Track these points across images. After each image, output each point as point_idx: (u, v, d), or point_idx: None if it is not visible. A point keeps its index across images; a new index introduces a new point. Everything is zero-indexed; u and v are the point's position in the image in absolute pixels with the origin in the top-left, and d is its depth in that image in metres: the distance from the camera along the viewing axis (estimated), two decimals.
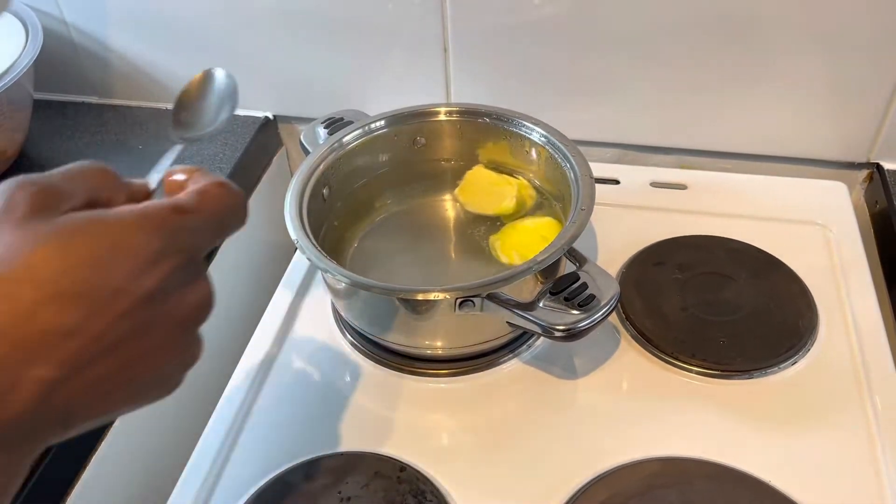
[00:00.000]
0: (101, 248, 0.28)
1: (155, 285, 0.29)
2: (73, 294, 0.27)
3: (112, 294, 0.28)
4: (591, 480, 0.50)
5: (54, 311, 0.27)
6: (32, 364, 0.26)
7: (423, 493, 0.49)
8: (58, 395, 0.27)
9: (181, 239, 0.30)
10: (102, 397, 0.29)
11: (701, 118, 0.73)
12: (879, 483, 0.49)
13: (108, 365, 0.28)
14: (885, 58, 0.66)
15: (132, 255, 0.29)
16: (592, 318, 0.48)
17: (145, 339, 0.29)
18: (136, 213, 0.30)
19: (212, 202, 0.33)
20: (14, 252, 0.27)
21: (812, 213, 0.68)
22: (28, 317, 0.26)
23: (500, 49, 0.72)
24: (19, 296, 0.26)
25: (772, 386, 0.55)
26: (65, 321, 0.27)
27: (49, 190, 0.29)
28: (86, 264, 0.27)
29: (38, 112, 0.81)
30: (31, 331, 0.26)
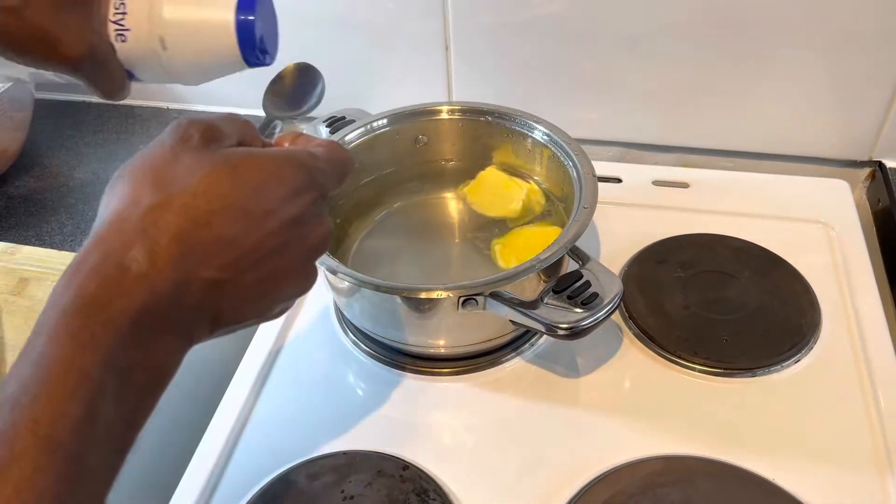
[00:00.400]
0: (261, 175, 0.33)
1: (297, 212, 0.34)
2: (237, 209, 0.32)
3: (265, 214, 0.33)
4: (593, 479, 0.50)
5: (222, 221, 0.32)
6: (203, 265, 0.31)
7: (426, 491, 0.49)
8: (215, 295, 0.32)
9: (317, 178, 0.36)
10: (244, 304, 0.34)
11: (703, 117, 0.73)
12: (883, 480, 0.49)
13: (254, 276, 0.33)
14: (886, 56, 0.66)
15: (283, 184, 0.34)
16: (595, 316, 0.48)
17: (283, 258, 0.34)
18: (285, 152, 0.36)
19: (335, 153, 0.38)
20: (192, 173, 0.32)
21: (814, 212, 0.68)
22: (203, 224, 0.31)
23: (502, 47, 0.72)
24: (196, 207, 0.31)
25: (775, 384, 0.55)
26: (229, 231, 0.32)
27: (215, 127, 0.34)
28: (248, 187, 0.33)
29: (40, 111, 0.81)
30: (204, 236, 0.31)
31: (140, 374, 0.30)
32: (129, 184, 0.32)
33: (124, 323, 0.29)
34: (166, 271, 0.30)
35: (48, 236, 0.69)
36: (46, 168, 0.77)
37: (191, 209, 0.31)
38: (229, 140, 0.35)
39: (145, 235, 0.30)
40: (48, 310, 0.30)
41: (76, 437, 0.27)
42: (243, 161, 0.33)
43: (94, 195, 0.73)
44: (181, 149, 0.33)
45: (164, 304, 0.30)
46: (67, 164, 0.78)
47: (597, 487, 0.49)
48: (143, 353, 0.30)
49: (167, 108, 0.84)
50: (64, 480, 0.27)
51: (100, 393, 0.28)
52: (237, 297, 0.33)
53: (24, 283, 0.60)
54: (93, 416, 0.28)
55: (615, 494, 0.48)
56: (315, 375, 0.59)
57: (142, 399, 0.31)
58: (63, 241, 0.68)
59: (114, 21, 0.38)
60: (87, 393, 0.28)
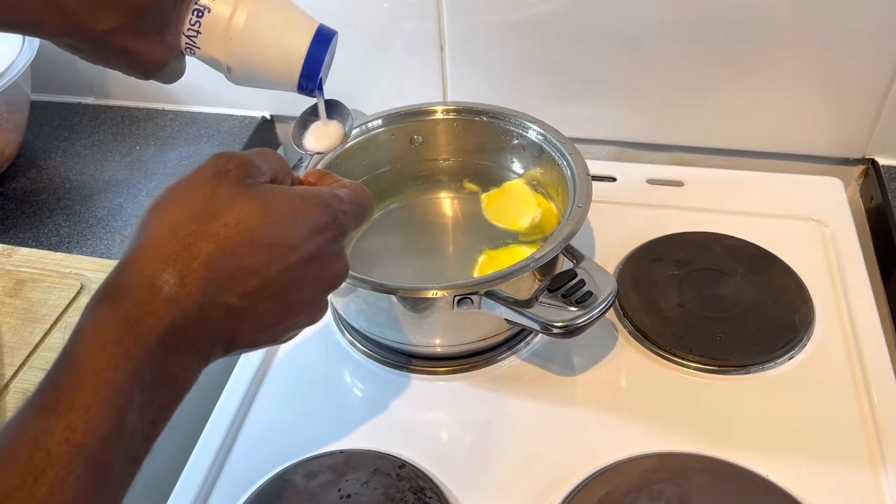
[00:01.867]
0: (287, 212, 0.36)
1: (317, 249, 0.37)
2: (263, 243, 0.34)
3: (288, 248, 0.35)
4: (589, 476, 0.50)
5: (248, 252, 0.34)
6: (227, 291, 0.34)
7: (422, 489, 0.49)
8: (234, 320, 0.34)
9: (339, 218, 0.38)
10: (259, 330, 0.36)
11: (697, 115, 0.74)
12: (876, 476, 0.49)
13: (271, 305, 0.36)
14: (879, 54, 0.66)
15: (307, 222, 0.36)
16: (590, 314, 0.49)
17: (299, 291, 0.37)
18: (312, 192, 0.38)
19: (358, 195, 0.41)
20: (226, 205, 0.34)
21: (808, 209, 0.68)
22: (230, 253, 0.33)
23: (497, 47, 0.72)
24: (226, 237, 0.33)
25: (769, 381, 0.55)
26: (253, 262, 0.34)
27: (251, 163, 0.36)
28: (275, 222, 0.35)
29: (36, 113, 0.81)
30: (231, 265, 0.33)
31: (163, 389, 0.32)
32: (167, 210, 0.34)
33: (153, 340, 0.31)
34: (194, 295, 0.32)
35: (45, 238, 0.69)
36: (43, 170, 0.77)
37: (221, 238, 0.33)
38: (263, 176, 0.37)
39: (178, 260, 0.32)
40: (85, 320, 0.31)
41: (105, 447, 0.29)
42: (273, 198, 0.36)
43: (90, 196, 0.74)
44: (218, 181, 0.35)
45: (189, 325, 0.33)
46: (64, 165, 0.78)
47: (592, 484, 0.49)
48: (167, 369, 0.32)
49: (163, 108, 0.84)
50: (92, 488, 0.29)
51: (128, 405, 0.30)
52: (253, 323, 0.36)
53: (20, 284, 0.61)
54: (120, 427, 0.30)
55: (611, 491, 0.49)
56: (312, 375, 0.59)
57: (161, 412, 0.33)
58: (60, 242, 0.68)
59: (186, 36, 0.40)
60: (117, 405, 0.30)
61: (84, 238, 0.69)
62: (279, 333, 0.38)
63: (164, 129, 0.82)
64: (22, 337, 0.56)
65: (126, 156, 0.78)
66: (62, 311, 0.58)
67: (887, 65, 0.67)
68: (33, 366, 0.55)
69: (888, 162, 0.72)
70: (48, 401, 0.29)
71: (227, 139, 0.79)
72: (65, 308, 0.58)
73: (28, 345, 0.56)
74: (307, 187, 0.40)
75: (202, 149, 0.78)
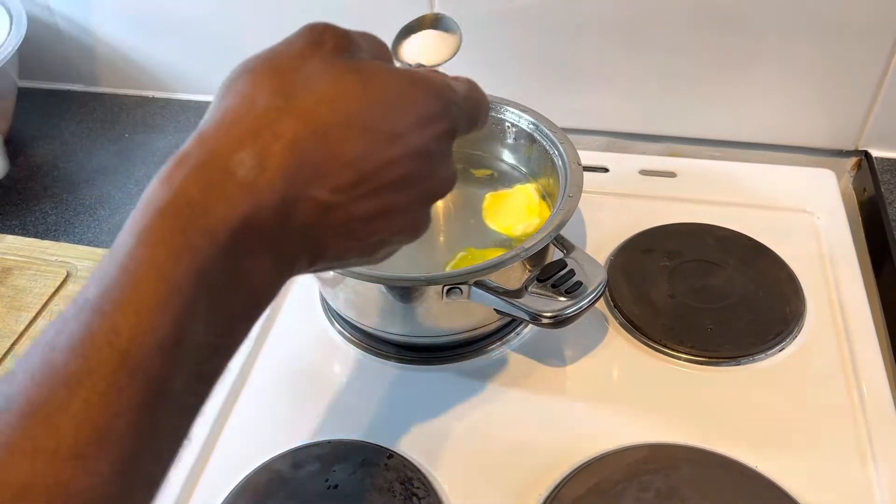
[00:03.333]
0: (393, 93, 0.30)
1: (425, 143, 0.31)
2: (361, 127, 0.29)
3: (391, 137, 0.29)
4: (578, 466, 0.50)
5: (343, 136, 0.28)
6: (314, 183, 0.28)
7: (410, 480, 0.49)
8: (322, 221, 0.29)
9: (452, 110, 0.32)
10: (350, 239, 0.30)
11: (690, 106, 0.73)
12: (865, 468, 0.49)
13: (366, 207, 0.30)
14: (873, 45, 0.66)
15: (415, 108, 0.30)
16: (579, 304, 0.48)
17: (400, 193, 0.31)
18: (421, 75, 0.32)
19: (473, 92, 0.35)
20: (319, 78, 0.29)
21: (800, 201, 0.68)
22: (322, 136, 0.28)
23: (488, 36, 0.71)
24: (317, 115, 0.28)
25: (759, 372, 0.55)
26: (349, 150, 0.28)
27: (350, 37, 0.31)
28: (378, 103, 0.29)
29: (23, 100, 0.80)
30: (320, 150, 0.28)
31: (233, 295, 0.27)
32: (247, 82, 0.29)
33: (223, 233, 0.26)
34: (276, 182, 0.27)
35: (32, 226, 0.68)
36: (30, 157, 0.77)
37: (311, 116, 0.28)
38: (362, 54, 0.31)
39: (258, 138, 0.27)
40: (142, 208, 0.26)
41: (160, 358, 0.24)
42: (376, 74, 0.30)
43: (78, 184, 0.73)
44: (311, 52, 0.29)
45: (267, 219, 0.27)
46: (51, 153, 0.77)
47: (581, 475, 0.49)
48: (239, 271, 0.27)
49: (153, 96, 0.83)
50: (143, 405, 0.24)
51: (190, 310, 0.25)
52: (344, 228, 0.30)
53: (6, 272, 0.60)
54: (180, 336, 0.25)
55: (600, 482, 0.49)
56: (300, 364, 0.59)
57: (232, 325, 0.28)
58: (47, 230, 0.68)
59: None
60: (176, 308, 0.25)
61: (71, 226, 0.68)
62: (374, 247, 0.32)
63: (154, 116, 0.81)
64: (7, 325, 0.56)
65: (115, 143, 0.78)
66: (48, 299, 0.58)
67: (881, 56, 0.66)
68: (17, 354, 0.54)
69: (881, 154, 0.72)
70: (92, 298, 0.24)
71: None
72: (51, 296, 0.58)
73: (13, 333, 0.55)
74: (417, 70, 0.33)
75: None
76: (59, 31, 0.81)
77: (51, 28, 0.81)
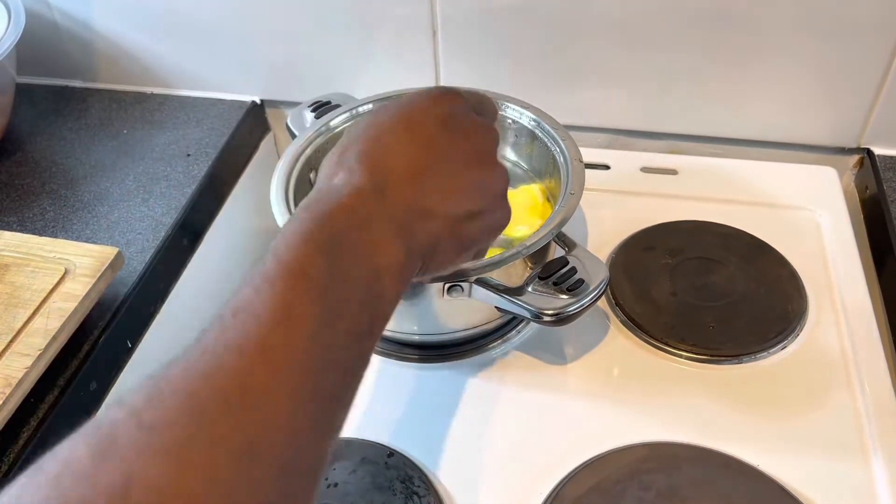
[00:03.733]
0: (484, 150, 0.42)
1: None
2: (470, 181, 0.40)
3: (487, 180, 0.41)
4: (579, 465, 0.50)
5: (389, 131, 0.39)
6: (427, 198, 0.37)
7: (410, 478, 0.49)
8: (440, 226, 0.37)
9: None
10: (458, 244, 0.39)
11: (691, 103, 0.73)
12: (867, 466, 0.49)
13: (465, 215, 0.39)
14: (875, 43, 0.66)
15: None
16: (581, 302, 0.48)
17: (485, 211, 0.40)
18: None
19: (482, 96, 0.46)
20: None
21: (802, 199, 0.68)
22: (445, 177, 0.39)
23: (490, 32, 0.71)
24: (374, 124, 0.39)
25: (761, 370, 0.55)
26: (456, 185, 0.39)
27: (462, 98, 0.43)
28: (472, 158, 0.40)
29: (22, 96, 0.80)
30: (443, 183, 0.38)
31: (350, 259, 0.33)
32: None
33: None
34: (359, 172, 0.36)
35: (30, 222, 0.68)
36: (28, 153, 0.76)
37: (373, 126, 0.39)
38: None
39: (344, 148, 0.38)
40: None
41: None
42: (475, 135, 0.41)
43: (76, 181, 0.72)
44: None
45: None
46: (50, 149, 0.76)
47: (582, 474, 0.49)
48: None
49: (151, 92, 0.83)
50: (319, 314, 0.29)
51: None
52: (454, 242, 0.39)
53: (4, 268, 0.60)
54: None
55: (601, 481, 0.48)
56: None
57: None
58: (45, 226, 0.67)
59: None
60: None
61: (69, 222, 0.68)
62: (473, 247, 0.41)
63: (153, 112, 0.81)
64: (4, 322, 0.55)
65: (113, 140, 0.77)
66: (46, 295, 0.57)
67: (883, 54, 0.66)
68: (15, 351, 0.54)
69: (884, 152, 0.72)
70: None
71: (217, 123, 0.78)
72: (49, 293, 0.57)
73: (11, 330, 0.55)
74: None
75: (191, 133, 0.77)
76: (58, 26, 0.80)
77: (49, 24, 0.80)
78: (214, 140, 0.76)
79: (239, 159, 0.79)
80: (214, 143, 0.76)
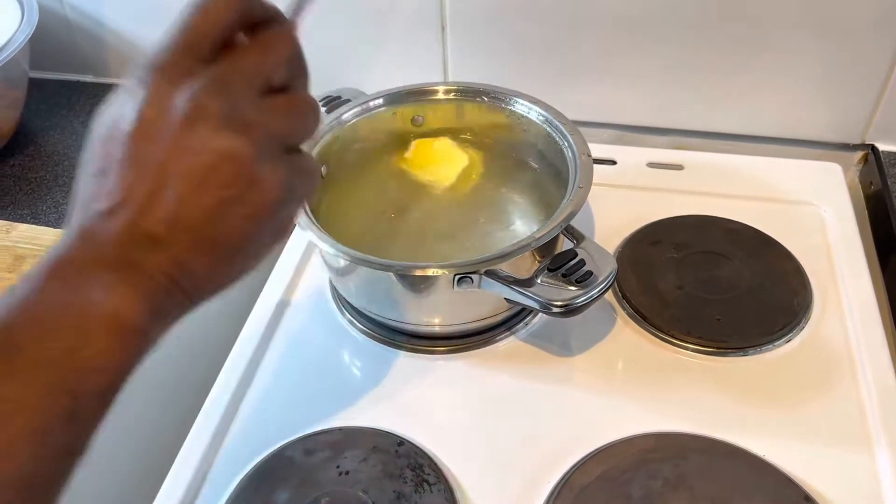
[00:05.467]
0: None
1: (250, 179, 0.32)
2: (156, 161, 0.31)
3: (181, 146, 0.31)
4: (586, 455, 0.50)
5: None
6: (143, 216, 0.31)
7: (420, 466, 0.50)
8: (166, 249, 0.31)
9: (252, 136, 0.32)
10: (211, 254, 0.32)
11: (697, 99, 0.74)
12: (872, 458, 0.49)
13: (208, 230, 0.31)
14: (880, 39, 0.66)
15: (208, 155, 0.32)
16: (590, 293, 0.49)
17: (230, 209, 0.32)
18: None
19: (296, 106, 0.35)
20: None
21: (807, 194, 0.68)
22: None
23: (498, 28, 0.72)
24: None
25: (766, 363, 0.55)
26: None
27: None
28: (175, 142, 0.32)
29: (34, 90, 0.81)
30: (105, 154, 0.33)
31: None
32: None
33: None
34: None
35: (43, 215, 0.69)
36: (41, 147, 0.77)
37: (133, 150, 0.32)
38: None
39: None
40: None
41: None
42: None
43: None
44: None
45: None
46: (62, 142, 0.77)
47: (590, 463, 0.50)
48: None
49: None
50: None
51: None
52: (196, 248, 0.32)
53: (19, 260, 0.60)
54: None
55: (608, 470, 0.49)
56: (311, 353, 0.59)
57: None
58: (59, 219, 0.68)
59: None
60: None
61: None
62: (238, 256, 0.33)
63: None
64: None
65: None
66: None
67: (888, 50, 0.67)
68: None
69: (888, 148, 0.72)
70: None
71: None
72: None
73: None
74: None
75: None
76: (70, 22, 0.81)
77: (61, 19, 0.81)
78: None
79: None
80: None
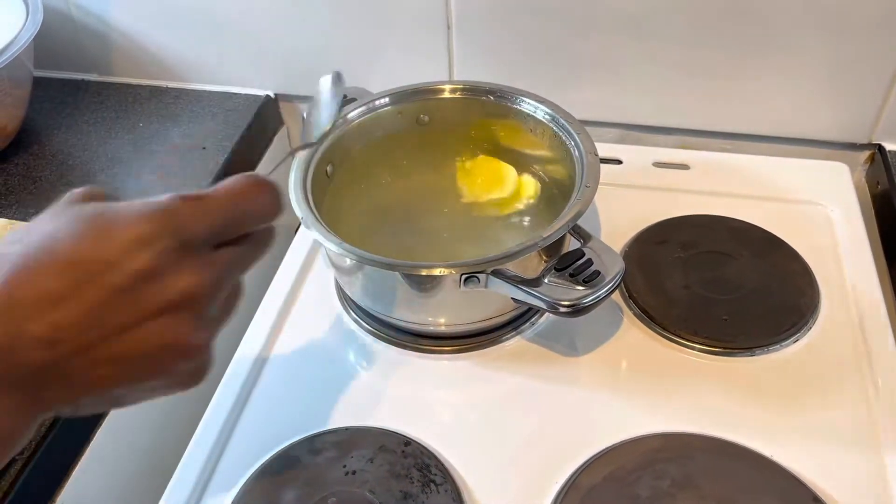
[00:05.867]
0: (98, 226, 0.31)
1: (147, 264, 0.31)
2: (66, 262, 0.30)
3: (105, 266, 0.30)
4: (594, 455, 0.50)
5: (48, 276, 0.30)
6: (30, 320, 0.30)
7: (427, 466, 0.50)
8: (55, 355, 0.30)
9: (178, 223, 0.32)
10: (102, 373, 0.31)
11: (703, 99, 0.73)
12: (879, 458, 0.49)
13: (105, 335, 0.31)
14: (887, 39, 0.66)
15: (126, 233, 0.31)
16: (597, 293, 0.49)
17: (140, 317, 0.31)
18: (143, 202, 0.33)
19: (225, 188, 0.35)
20: (40, 224, 0.32)
21: (814, 194, 0.68)
22: (33, 273, 0.30)
23: (504, 27, 0.72)
24: (27, 254, 0.30)
25: (774, 363, 0.55)
26: (57, 286, 0.30)
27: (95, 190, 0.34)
28: (83, 238, 0.31)
29: (38, 89, 0.81)
30: (34, 287, 0.30)
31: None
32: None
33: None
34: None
35: None
36: (45, 146, 0.77)
37: (22, 257, 0.30)
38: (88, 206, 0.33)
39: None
40: None
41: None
42: (86, 214, 0.32)
43: (93, 173, 0.73)
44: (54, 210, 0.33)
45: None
46: (66, 142, 0.77)
47: (597, 463, 0.50)
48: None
49: (166, 86, 0.84)
50: None
51: None
52: (88, 362, 0.31)
53: None
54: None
55: (615, 470, 0.49)
56: (317, 353, 0.59)
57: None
58: None
59: None
60: None
61: None
62: (133, 377, 0.32)
63: (168, 106, 0.81)
64: None
65: (129, 133, 0.78)
66: None
67: (894, 49, 0.66)
68: None
69: (895, 147, 0.72)
70: None
71: (232, 117, 0.79)
72: None
73: None
74: (149, 199, 0.33)
75: (206, 126, 0.78)
76: (75, 20, 0.81)
77: (66, 18, 0.81)
78: (230, 134, 0.77)
79: (254, 153, 0.80)
80: (230, 136, 0.76)
